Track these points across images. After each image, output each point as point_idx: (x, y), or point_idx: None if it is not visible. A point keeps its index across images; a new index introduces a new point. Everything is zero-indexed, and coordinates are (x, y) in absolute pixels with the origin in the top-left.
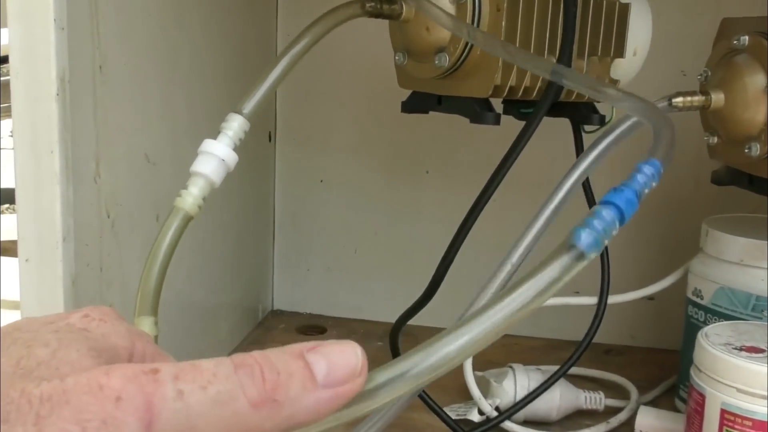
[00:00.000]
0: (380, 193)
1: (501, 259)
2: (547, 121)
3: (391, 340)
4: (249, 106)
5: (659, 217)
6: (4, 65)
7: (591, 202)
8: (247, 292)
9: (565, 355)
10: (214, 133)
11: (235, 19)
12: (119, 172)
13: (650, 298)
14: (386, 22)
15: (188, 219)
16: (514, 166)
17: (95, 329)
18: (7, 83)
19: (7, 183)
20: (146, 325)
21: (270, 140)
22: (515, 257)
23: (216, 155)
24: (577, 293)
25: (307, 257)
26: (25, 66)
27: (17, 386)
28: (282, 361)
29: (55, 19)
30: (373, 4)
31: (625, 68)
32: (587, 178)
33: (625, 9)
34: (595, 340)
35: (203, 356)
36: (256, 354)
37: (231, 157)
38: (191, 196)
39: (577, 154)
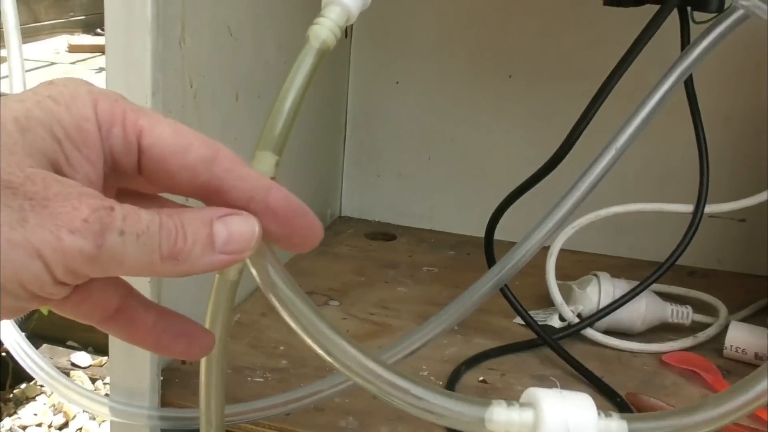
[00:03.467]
0: (458, 98)
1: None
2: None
3: (490, 225)
4: None
5: (756, 136)
6: None
7: (694, 105)
8: (316, 195)
9: (646, 274)
10: (295, 16)
11: None
12: (203, 41)
13: (741, 219)
14: None
15: (325, 50)
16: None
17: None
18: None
19: None
20: (265, 161)
21: (346, 36)
22: (602, 164)
23: None
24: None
25: (377, 162)
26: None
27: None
28: (193, 228)
29: None
30: None
31: None
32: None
33: None
34: (679, 261)
35: None
36: (177, 219)
37: None
38: (329, 22)
39: (683, 48)
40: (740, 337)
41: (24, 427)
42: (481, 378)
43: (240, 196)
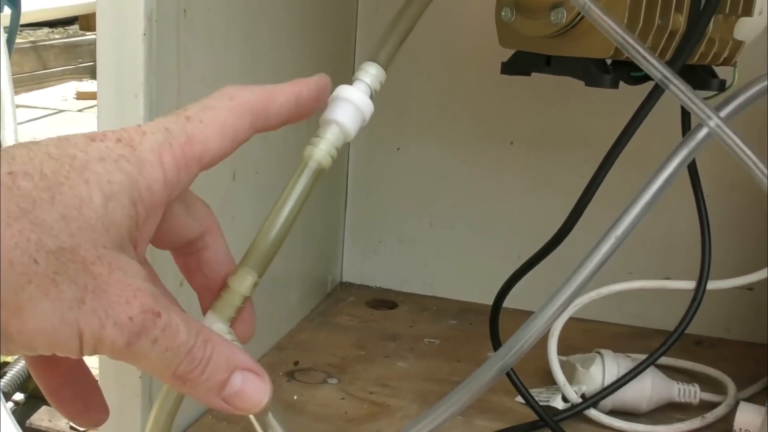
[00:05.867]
0: (460, 164)
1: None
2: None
3: (494, 308)
4: (383, 54)
5: (761, 203)
6: (70, 27)
7: (697, 188)
8: (317, 262)
9: (652, 344)
10: None
11: None
12: None
13: (749, 288)
14: None
15: (321, 171)
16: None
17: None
18: (68, 46)
19: None
20: (245, 279)
21: None
22: (610, 241)
23: (351, 102)
24: (667, 278)
25: (379, 228)
26: (112, 3)
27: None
28: (214, 368)
29: None
30: None
31: (749, 28)
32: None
33: None
34: (686, 330)
35: (272, 327)
36: (208, 351)
37: (368, 107)
38: (325, 143)
39: (683, 125)
40: (749, 420)
41: None
42: None
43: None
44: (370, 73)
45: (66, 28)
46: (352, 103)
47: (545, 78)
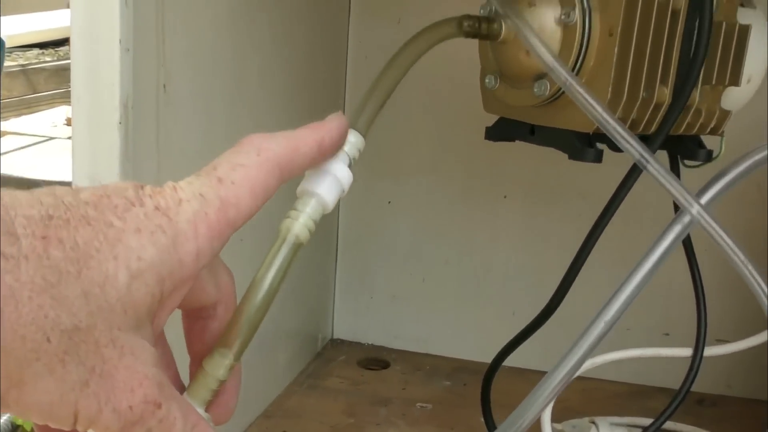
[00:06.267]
0: (453, 218)
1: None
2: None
3: (485, 383)
4: (362, 121)
5: (759, 259)
6: (61, 48)
7: (691, 258)
8: (307, 319)
9: (652, 403)
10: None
11: (304, 33)
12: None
13: None
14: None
15: (298, 246)
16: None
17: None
18: (58, 69)
19: (63, 175)
20: (220, 363)
21: None
22: (599, 326)
23: (329, 172)
24: (666, 335)
25: (370, 284)
26: (88, 91)
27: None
28: None
29: (120, 41)
30: (471, 23)
31: (737, 97)
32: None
33: (745, 32)
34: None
35: (259, 393)
36: None
37: (347, 177)
38: (303, 216)
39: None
40: None
41: None
42: None
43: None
44: (350, 141)
45: (56, 49)
46: (331, 174)
47: None
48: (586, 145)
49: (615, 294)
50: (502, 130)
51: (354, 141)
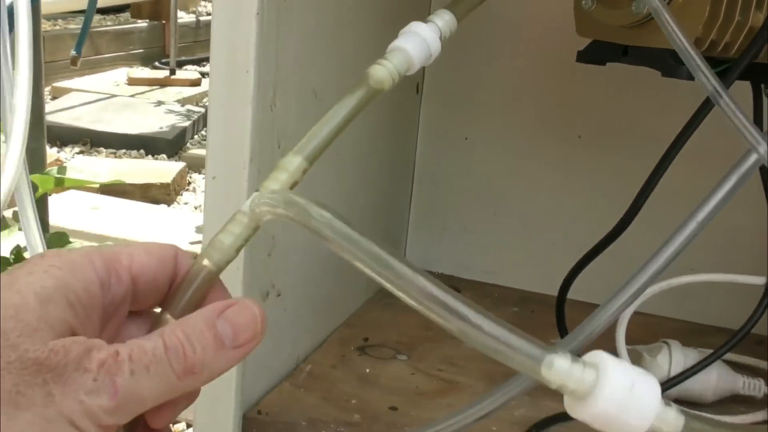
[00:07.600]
0: (527, 156)
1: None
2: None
3: (560, 295)
4: (461, 6)
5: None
6: (121, 14)
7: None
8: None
9: (711, 340)
10: None
11: None
12: (290, 103)
13: None
14: None
15: (379, 90)
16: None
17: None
18: (119, 33)
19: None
20: (293, 161)
21: (417, 92)
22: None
23: (421, 35)
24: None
25: (444, 216)
26: None
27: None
28: (197, 335)
29: None
30: None
31: None
32: None
33: None
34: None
35: (341, 305)
36: (179, 332)
37: (435, 44)
38: (391, 65)
39: (756, 122)
40: None
41: None
42: None
43: None
44: (444, 18)
45: (117, 15)
46: (420, 36)
47: (615, 72)
48: (679, 63)
49: (680, 227)
50: (595, 52)
51: (448, 19)
